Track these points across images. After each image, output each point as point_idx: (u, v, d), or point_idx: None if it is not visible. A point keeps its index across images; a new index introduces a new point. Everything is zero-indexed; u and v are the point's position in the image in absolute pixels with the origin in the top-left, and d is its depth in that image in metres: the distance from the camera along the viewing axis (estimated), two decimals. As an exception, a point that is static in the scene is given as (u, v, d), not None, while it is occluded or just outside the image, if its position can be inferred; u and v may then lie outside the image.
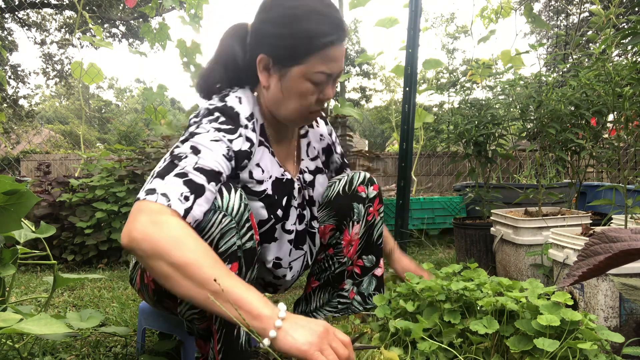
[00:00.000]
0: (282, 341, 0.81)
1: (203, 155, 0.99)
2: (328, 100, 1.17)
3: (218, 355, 1.05)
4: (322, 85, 1.12)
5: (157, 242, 0.85)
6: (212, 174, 0.98)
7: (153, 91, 3.83)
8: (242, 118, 1.11)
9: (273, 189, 1.18)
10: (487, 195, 2.50)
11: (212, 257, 0.88)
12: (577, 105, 1.97)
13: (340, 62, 1.12)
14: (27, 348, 1.36)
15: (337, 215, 1.38)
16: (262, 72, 1.13)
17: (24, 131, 17.16)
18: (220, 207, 0.99)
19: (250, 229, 1.04)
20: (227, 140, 1.05)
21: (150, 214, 0.88)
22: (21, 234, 1.38)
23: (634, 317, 1.34)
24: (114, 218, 3.07)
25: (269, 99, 1.17)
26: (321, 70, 1.09)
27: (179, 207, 0.91)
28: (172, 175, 0.94)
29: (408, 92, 2.66)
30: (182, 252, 0.85)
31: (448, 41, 28.01)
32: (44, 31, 16.18)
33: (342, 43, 1.11)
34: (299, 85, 1.10)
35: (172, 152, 1.00)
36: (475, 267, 1.30)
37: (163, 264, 0.85)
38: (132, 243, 0.86)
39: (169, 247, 0.85)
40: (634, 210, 1.64)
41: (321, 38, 1.06)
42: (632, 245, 0.62)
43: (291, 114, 1.15)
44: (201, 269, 0.84)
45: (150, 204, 0.90)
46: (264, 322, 0.81)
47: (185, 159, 0.97)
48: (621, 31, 1.52)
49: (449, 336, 1.03)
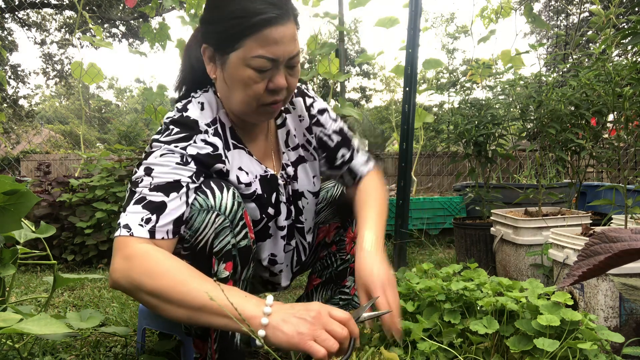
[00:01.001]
0: (272, 338, 0.79)
1: (155, 173, 0.97)
2: (283, 89, 1.04)
3: (215, 354, 1.05)
4: (268, 72, 1.00)
5: (132, 277, 0.87)
6: (169, 186, 0.97)
7: (153, 91, 3.82)
8: (201, 124, 1.06)
9: (261, 187, 1.17)
10: (487, 195, 2.50)
11: (184, 272, 0.88)
12: (577, 105, 1.97)
13: (287, 45, 0.99)
14: (27, 348, 1.36)
15: (342, 213, 1.40)
16: (208, 64, 1.07)
17: (24, 131, 17.15)
18: (213, 206, 0.98)
19: (244, 227, 1.04)
20: (180, 149, 1.01)
21: (121, 250, 0.91)
22: (21, 234, 1.38)
23: (634, 317, 1.33)
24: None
25: (219, 92, 1.12)
26: (259, 54, 0.97)
27: (141, 232, 0.92)
28: (132, 204, 0.95)
29: (408, 92, 2.66)
30: (153, 280, 0.86)
31: (448, 41, 27.99)
32: (44, 31, 16.17)
33: (283, 23, 0.98)
34: (240, 72, 1.00)
35: (130, 179, 1.00)
36: (475, 267, 1.31)
37: (144, 295, 0.87)
38: (115, 284, 0.89)
39: (141, 279, 0.86)
40: (634, 210, 1.64)
41: (253, 17, 0.95)
42: (632, 245, 0.62)
43: (240, 105, 1.06)
44: (174, 291, 0.84)
45: (119, 240, 0.92)
46: (250, 322, 0.80)
47: (141, 183, 0.97)
48: (621, 31, 1.52)
49: (449, 336, 1.03)
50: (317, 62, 3.99)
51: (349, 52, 24.72)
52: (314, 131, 1.29)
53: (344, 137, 1.32)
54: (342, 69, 4.11)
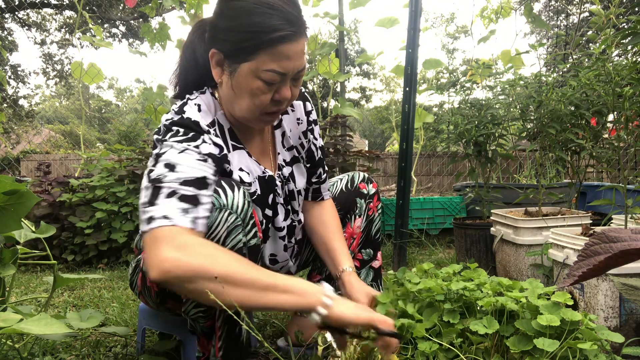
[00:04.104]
0: (337, 312, 0.92)
1: (180, 168, 0.97)
2: (286, 101, 1.09)
3: (219, 351, 1.06)
4: (276, 84, 1.04)
5: (191, 264, 0.87)
6: (198, 182, 0.97)
7: (153, 91, 3.82)
8: (202, 125, 1.07)
9: (260, 188, 1.19)
10: (487, 195, 2.50)
11: (239, 258, 0.94)
12: (577, 105, 1.97)
13: (297, 60, 1.03)
14: (27, 348, 1.36)
15: (342, 210, 1.44)
16: (214, 67, 1.09)
17: (24, 131, 17.15)
18: (225, 205, 1.00)
19: (254, 226, 1.06)
20: (194, 147, 1.02)
21: (167, 240, 0.88)
22: (21, 234, 1.38)
23: (634, 317, 1.34)
24: (114, 218, 3.07)
25: (223, 96, 1.13)
26: (271, 68, 1.01)
27: (184, 222, 0.91)
28: (162, 198, 0.93)
29: (408, 92, 2.66)
30: (218, 265, 0.88)
31: (448, 41, 28.02)
32: (44, 31, 16.18)
33: (297, 40, 1.02)
34: (249, 83, 1.03)
35: (149, 178, 0.98)
36: (475, 267, 1.30)
37: (205, 282, 0.87)
38: (166, 275, 0.86)
39: (204, 265, 0.87)
40: (634, 210, 1.64)
41: (270, 33, 0.98)
42: (632, 245, 0.62)
43: (243, 112, 1.09)
44: (242, 274, 0.89)
45: (159, 231, 0.90)
46: (314, 299, 0.92)
47: (166, 179, 0.96)
48: (621, 31, 1.52)
49: (449, 336, 1.03)
50: (317, 62, 3.99)
51: (349, 52, 24.72)
52: (308, 137, 1.34)
53: (323, 157, 1.40)
54: (342, 69, 4.11)
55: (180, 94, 1.17)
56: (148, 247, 0.89)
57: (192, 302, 1.05)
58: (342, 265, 1.27)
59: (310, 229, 1.37)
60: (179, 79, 1.20)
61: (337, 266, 1.27)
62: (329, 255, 1.30)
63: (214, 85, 1.16)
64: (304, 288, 0.93)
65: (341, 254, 1.29)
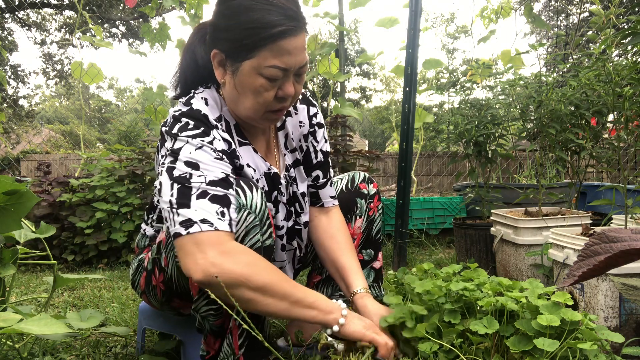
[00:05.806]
0: (350, 327, 1.03)
1: (203, 167, 0.99)
2: (290, 97, 1.08)
3: (239, 350, 1.06)
4: (279, 80, 1.04)
5: (234, 272, 0.92)
6: (223, 181, 1.00)
7: (153, 91, 3.82)
8: (211, 120, 1.07)
9: (267, 184, 1.19)
10: (487, 195, 2.50)
11: (274, 268, 1.00)
12: (577, 105, 1.97)
13: (298, 55, 1.03)
14: (27, 348, 1.36)
15: (342, 210, 1.42)
16: (217, 68, 1.09)
17: (24, 131, 17.15)
18: (245, 205, 1.01)
19: (270, 227, 1.07)
20: (208, 142, 1.03)
21: (214, 246, 0.93)
22: (21, 234, 1.38)
23: (634, 317, 1.34)
24: (114, 218, 3.07)
25: (227, 96, 1.13)
26: (273, 64, 1.01)
27: (224, 226, 0.95)
28: (194, 199, 0.96)
29: (408, 92, 2.66)
30: (259, 275, 0.95)
31: (448, 41, 28.03)
32: (44, 31, 16.18)
33: (297, 35, 1.02)
34: (252, 80, 1.03)
35: (171, 175, 0.99)
36: (475, 267, 1.30)
37: (245, 290, 0.94)
38: (212, 279, 0.91)
39: (247, 274, 0.94)
40: (634, 210, 1.64)
41: (270, 29, 0.98)
42: (632, 245, 0.62)
43: (248, 111, 1.09)
44: (278, 286, 0.97)
45: (203, 236, 0.93)
46: (332, 315, 1.03)
47: (192, 178, 0.98)
48: (621, 31, 1.52)
49: (449, 336, 1.03)
50: (317, 62, 3.99)
51: (349, 52, 24.72)
52: (308, 140, 1.34)
53: (326, 161, 1.36)
54: (342, 69, 4.11)
55: (181, 95, 1.17)
56: (190, 250, 0.93)
57: (204, 299, 1.05)
58: (354, 287, 1.21)
59: (317, 243, 1.33)
60: (179, 81, 1.20)
61: (349, 287, 1.23)
62: (339, 274, 1.26)
63: (215, 82, 1.16)
64: (328, 307, 1.03)
65: (352, 272, 1.24)
